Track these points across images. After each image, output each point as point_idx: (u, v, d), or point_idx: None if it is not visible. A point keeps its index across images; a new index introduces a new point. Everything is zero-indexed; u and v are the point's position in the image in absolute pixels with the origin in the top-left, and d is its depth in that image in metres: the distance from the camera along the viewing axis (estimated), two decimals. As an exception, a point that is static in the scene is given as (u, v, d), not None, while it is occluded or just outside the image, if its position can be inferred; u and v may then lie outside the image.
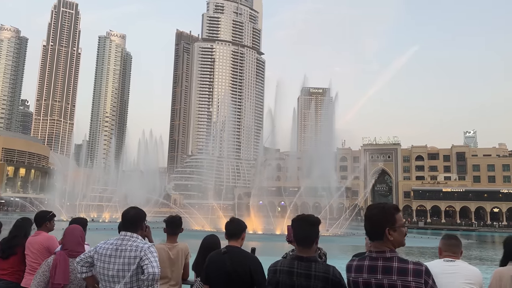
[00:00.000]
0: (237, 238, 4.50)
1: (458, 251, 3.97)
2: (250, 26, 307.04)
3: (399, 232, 2.86)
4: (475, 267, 3.80)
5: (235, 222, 4.65)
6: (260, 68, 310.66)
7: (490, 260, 34.60)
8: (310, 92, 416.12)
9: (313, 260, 3.27)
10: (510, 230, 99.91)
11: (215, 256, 4.41)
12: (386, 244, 2.83)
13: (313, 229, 3.42)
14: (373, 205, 3.08)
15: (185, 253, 5.43)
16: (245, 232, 4.62)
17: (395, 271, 2.70)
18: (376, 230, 2.88)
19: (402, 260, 2.75)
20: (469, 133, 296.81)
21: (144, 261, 3.81)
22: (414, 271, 2.68)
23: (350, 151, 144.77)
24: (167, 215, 5.89)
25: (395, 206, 3.06)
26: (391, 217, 2.89)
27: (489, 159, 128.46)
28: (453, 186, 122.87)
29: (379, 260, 2.79)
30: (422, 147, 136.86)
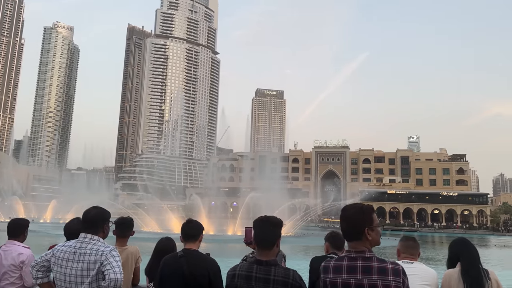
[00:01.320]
0: (194, 240, 4.22)
1: (416, 253, 4.06)
2: (205, 25, 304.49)
3: (376, 232, 2.89)
4: (431, 269, 3.84)
5: (193, 223, 4.36)
6: (215, 67, 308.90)
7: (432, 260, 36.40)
8: (265, 94, 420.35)
9: (273, 264, 3.11)
10: (449, 230, 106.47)
11: (170, 259, 4.11)
12: (365, 244, 2.84)
13: (275, 231, 3.26)
14: (350, 206, 3.04)
15: (135, 256, 4.99)
16: (202, 234, 4.36)
17: (375, 271, 2.71)
18: (354, 230, 2.86)
19: (381, 260, 2.78)
20: (412, 138, 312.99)
21: (105, 266, 3.45)
22: (393, 271, 2.70)
23: (302, 153, 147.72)
24: (115, 217, 5.35)
25: (371, 207, 3.06)
26: (369, 217, 2.91)
27: (431, 163, 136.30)
28: (397, 188, 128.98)
29: (359, 260, 2.78)
30: (369, 150, 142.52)
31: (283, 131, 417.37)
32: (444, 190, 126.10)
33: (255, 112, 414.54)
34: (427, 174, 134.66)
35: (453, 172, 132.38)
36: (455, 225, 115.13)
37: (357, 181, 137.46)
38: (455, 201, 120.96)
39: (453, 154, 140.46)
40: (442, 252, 43.37)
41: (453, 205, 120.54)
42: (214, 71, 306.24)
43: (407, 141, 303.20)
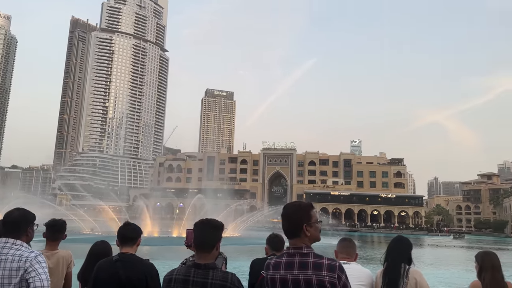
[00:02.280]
0: (132, 244, 4.06)
1: (353, 253, 4.14)
2: (154, 21, 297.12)
3: (314, 228, 2.93)
4: (366, 269, 3.94)
5: (131, 226, 4.19)
6: (164, 65, 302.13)
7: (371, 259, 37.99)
8: (214, 94, 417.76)
9: (212, 267, 3.04)
10: (387, 230, 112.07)
11: (105, 264, 3.91)
12: (303, 241, 2.87)
13: (214, 233, 3.20)
14: (289, 204, 3.06)
15: (67, 261, 4.69)
16: (140, 238, 4.18)
17: (310, 266, 2.74)
18: (294, 228, 2.89)
19: (318, 256, 2.81)
20: (355, 142, 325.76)
21: (30, 273, 3.13)
22: (329, 266, 2.73)
23: (250, 155, 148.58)
24: (51, 218, 5.02)
25: (310, 204, 3.07)
26: (307, 213, 2.93)
27: (371, 166, 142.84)
28: (340, 190, 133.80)
29: (296, 256, 2.82)
30: (315, 153, 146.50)
31: (232, 132, 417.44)
32: (383, 192, 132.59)
33: (204, 113, 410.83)
34: (367, 177, 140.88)
35: (391, 175, 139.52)
36: (393, 225, 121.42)
37: (303, 182, 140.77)
38: (393, 202, 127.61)
39: (392, 158, 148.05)
40: (380, 251, 45.41)
41: (391, 207, 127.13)
42: (162, 69, 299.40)
43: (350, 145, 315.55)
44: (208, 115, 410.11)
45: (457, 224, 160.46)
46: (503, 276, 4.20)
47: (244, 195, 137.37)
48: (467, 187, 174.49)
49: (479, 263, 4.35)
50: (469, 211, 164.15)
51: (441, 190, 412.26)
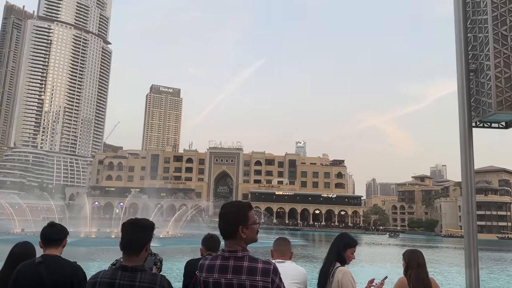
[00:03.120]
0: (57, 246, 3.76)
1: (288, 252, 4.16)
2: (97, 12, 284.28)
3: (251, 230, 2.84)
4: (301, 267, 3.98)
5: (55, 227, 3.87)
6: (106, 58, 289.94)
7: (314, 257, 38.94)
8: (160, 90, 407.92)
9: (140, 269, 2.87)
10: (327, 229, 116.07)
11: (26, 267, 3.56)
12: (239, 243, 2.79)
13: (143, 234, 2.98)
14: (227, 204, 2.94)
15: None
16: (66, 239, 3.88)
17: (245, 271, 2.69)
18: (229, 229, 2.80)
19: (253, 259, 2.74)
20: (300, 143, 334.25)
21: None
22: (263, 270, 2.67)
23: (196, 153, 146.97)
24: None
25: (248, 204, 2.95)
26: (244, 214, 2.84)
27: (314, 167, 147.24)
28: (285, 189, 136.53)
29: (231, 260, 2.75)
30: (261, 153, 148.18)
31: (178, 130, 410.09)
32: (325, 192, 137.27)
33: (149, 109, 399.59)
34: (311, 177, 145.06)
35: (333, 176, 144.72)
36: (333, 224, 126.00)
37: (249, 182, 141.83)
38: (333, 202, 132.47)
39: (333, 159, 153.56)
40: (321, 250, 46.84)
41: (332, 206, 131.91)
42: (104, 62, 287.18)
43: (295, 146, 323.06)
44: (153, 112, 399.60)
45: (392, 223, 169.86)
46: (427, 273, 4.42)
47: (189, 195, 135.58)
48: (402, 188, 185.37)
49: (406, 261, 4.55)
50: (404, 211, 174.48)
51: (378, 191, 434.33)
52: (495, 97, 4.21)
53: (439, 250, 57.12)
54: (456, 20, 4.88)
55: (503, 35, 4.31)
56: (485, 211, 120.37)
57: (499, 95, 4.22)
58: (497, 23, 4.32)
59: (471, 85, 4.71)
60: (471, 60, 4.74)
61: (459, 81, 4.74)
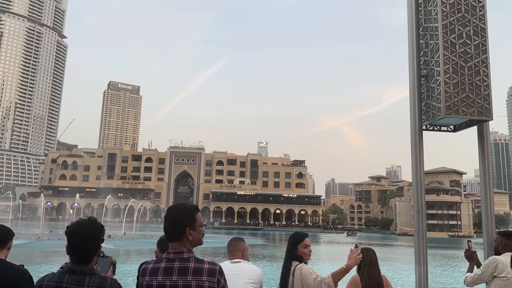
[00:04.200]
0: (1, 248, 3.54)
1: (237, 252, 4.15)
2: (52, 4, 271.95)
3: (198, 232, 2.85)
4: (256, 267, 3.99)
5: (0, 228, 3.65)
6: (61, 52, 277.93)
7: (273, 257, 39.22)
8: (119, 87, 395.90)
9: (89, 273, 2.78)
10: (288, 228, 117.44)
11: None
12: (185, 245, 2.80)
13: (92, 244, 2.84)
14: (174, 206, 2.94)
15: None
16: (12, 241, 3.65)
17: (190, 272, 2.69)
18: (176, 231, 2.80)
19: (199, 260, 2.75)
20: (262, 143, 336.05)
21: None
22: (209, 271, 2.70)
23: (156, 153, 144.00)
24: None
25: (195, 206, 2.98)
26: (192, 216, 2.86)
27: (276, 167, 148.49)
28: (246, 189, 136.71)
29: (176, 261, 2.75)
30: (223, 153, 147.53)
31: (137, 128, 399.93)
32: (286, 192, 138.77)
33: (106, 106, 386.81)
34: (272, 177, 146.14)
35: (294, 176, 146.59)
36: (293, 223, 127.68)
37: (210, 182, 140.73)
38: (294, 202, 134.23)
39: (294, 160, 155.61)
40: (281, 249, 47.24)
41: (292, 206, 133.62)
42: (59, 56, 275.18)
43: (257, 146, 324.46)
44: (111, 109, 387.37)
45: (350, 222, 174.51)
46: (379, 271, 4.53)
47: (148, 195, 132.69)
48: (359, 188, 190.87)
49: None
50: (361, 210, 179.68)
51: (337, 190, 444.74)
52: (444, 102, 4.40)
53: (393, 248, 59.29)
54: (409, 27, 5.06)
55: (452, 42, 4.52)
56: (437, 210, 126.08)
57: (448, 99, 4.42)
58: (447, 31, 4.52)
59: (422, 90, 4.89)
60: (422, 65, 4.93)
61: (411, 85, 4.92)
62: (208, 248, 42.26)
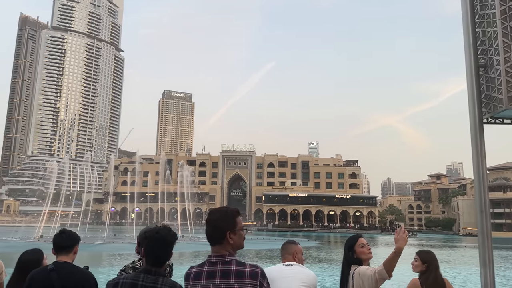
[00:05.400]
0: (68, 252, 3.80)
1: (288, 255, 4.11)
2: (109, 20, 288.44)
3: (239, 235, 2.88)
4: (309, 270, 3.92)
5: (65, 234, 3.91)
6: (119, 65, 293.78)
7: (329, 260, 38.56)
8: (172, 96, 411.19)
9: (162, 274, 2.98)
10: (343, 230, 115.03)
11: (39, 274, 3.60)
12: (226, 248, 2.84)
13: (168, 250, 3.06)
14: (214, 210, 2.99)
15: None
16: (78, 245, 3.92)
17: (233, 275, 2.73)
18: (217, 234, 2.85)
19: (240, 263, 2.79)
20: (313, 144, 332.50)
21: None
22: (251, 274, 2.73)
23: (209, 157, 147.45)
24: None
25: (236, 210, 3.02)
26: (232, 220, 2.89)
27: (328, 168, 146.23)
28: (298, 191, 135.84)
29: (218, 265, 2.79)
30: (274, 155, 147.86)
31: (191, 134, 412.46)
32: (339, 193, 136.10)
33: (162, 114, 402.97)
34: (324, 178, 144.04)
35: (347, 176, 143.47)
36: (348, 225, 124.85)
37: (262, 184, 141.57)
38: (348, 203, 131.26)
39: (347, 160, 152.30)
40: (337, 252, 46.42)
41: (347, 207, 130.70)
42: (117, 69, 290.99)
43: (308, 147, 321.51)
44: (166, 117, 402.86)
45: (409, 223, 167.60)
46: (441, 275, 4.38)
47: (203, 198, 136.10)
48: (418, 187, 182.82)
49: (424, 262, 4.45)
50: (420, 210, 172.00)
51: (394, 191, 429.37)
52: (506, 92, 4.11)
53: (457, 250, 56.12)
54: (463, 16, 4.79)
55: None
56: (504, 208, 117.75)
57: (510, 90, 4.12)
58: (506, 17, 4.24)
59: (481, 81, 4.61)
60: (480, 55, 4.64)
61: (468, 77, 4.65)
62: (263, 251, 42.46)
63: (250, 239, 63.65)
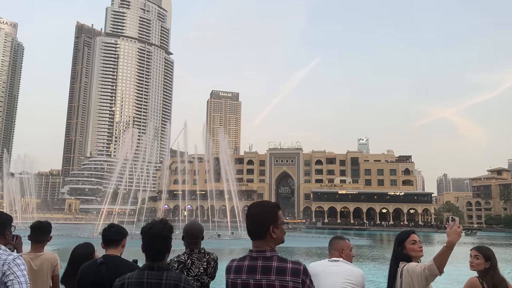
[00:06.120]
0: (116, 246, 4.00)
1: (334, 251, 4.02)
2: (158, 25, 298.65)
3: (281, 230, 2.85)
4: (357, 268, 3.80)
5: (114, 227, 4.13)
6: (169, 68, 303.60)
7: (382, 258, 37.52)
8: (220, 95, 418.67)
9: (166, 268, 3.04)
10: (396, 228, 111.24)
11: (89, 267, 3.82)
12: (268, 243, 2.78)
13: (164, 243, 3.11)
14: (255, 203, 2.95)
15: (52, 264, 4.58)
16: (126, 239, 4.11)
17: (274, 271, 2.67)
18: (259, 229, 2.80)
19: (282, 259, 2.72)
20: (362, 140, 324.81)
21: (8, 276, 3.01)
22: (292, 270, 2.65)
23: (257, 155, 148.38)
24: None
25: (277, 204, 2.98)
26: (275, 215, 2.86)
27: (379, 164, 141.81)
28: (348, 188, 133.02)
29: (259, 260, 2.74)
30: (321, 152, 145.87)
31: (238, 133, 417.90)
32: (391, 190, 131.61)
33: (210, 114, 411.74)
34: (375, 175, 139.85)
35: (399, 173, 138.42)
36: (402, 223, 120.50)
37: (310, 182, 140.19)
38: (401, 200, 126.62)
39: (399, 156, 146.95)
40: (388, 250, 44.86)
41: (400, 204, 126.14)
42: (167, 72, 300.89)
43: (357, 143, 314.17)
44: (214, 117, 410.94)
45: (467, 221, 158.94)
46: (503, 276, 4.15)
47: (251, 196, 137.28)
48: (477, 183, 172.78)
49: (488, 259, 4.16)
50: (480, 207, 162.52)
51: (450, 187, 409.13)
52: None
53: (522, 249, 52.30)
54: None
55: None
56: None
57: None
58: None
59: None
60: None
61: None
62: (313, 249, 42.11)
63: (299, 236, 63.39)
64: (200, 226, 4.68)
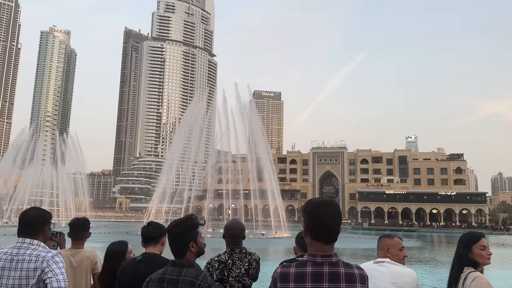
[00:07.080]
0: (155, 244, 4.02)
1: (380, 251, 3.80)
2: (202, 27, 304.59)
3: None
4: (406, 269, 3.48)
5: (153, 225, 4.16)
6: (212, 69, 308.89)
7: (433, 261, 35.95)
8: (262, 95, 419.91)
9: (187, 265, 3.10)
10: (447, 230, 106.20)
11: (129, 265, 3.88)
12: (333, 247, 2.47)
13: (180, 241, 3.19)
14: (331, 202, 2.53)
15: (92, 261, 4.66)
16: (165, 237, 4.05)
17: (343, 278, 2.36)
18: (337, 230, 2.45)
19: (347, 265, 2.43)
20: (410, 138, 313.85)
21: (47, 274, 3.06)
22: (361, 277, 2.41)
23: (300, 154, 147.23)
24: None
25: None
26: (341, 217, 2.58)
27: (429, 163, 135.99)
28: (396, 188, 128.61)
29: (325, 266, 2.38)
30: (367, 151, 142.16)
31: (281, 132, 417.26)
32: (442, 189, 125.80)
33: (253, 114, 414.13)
34: (425, 174, 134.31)
35: (451, 172, 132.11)
36: (454, 224, 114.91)
37: (355, 181, 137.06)
38: (453, 200, 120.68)
39: (450, 154, 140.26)
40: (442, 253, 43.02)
41: (452, 205, 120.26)
42: (211, 73, 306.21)
43: (405, 141, 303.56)
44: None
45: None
46: None
47: (295, 195, 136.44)
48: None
49: None
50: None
51: (506, 186, 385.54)
52: None
53: None
54: None
55: None
56: None
57: None
58: None
59: None
60: None
61: None
62: (359, 250, 41.09)
63: (345, 237, 62.18)
64: (241, 225, 4.55)
